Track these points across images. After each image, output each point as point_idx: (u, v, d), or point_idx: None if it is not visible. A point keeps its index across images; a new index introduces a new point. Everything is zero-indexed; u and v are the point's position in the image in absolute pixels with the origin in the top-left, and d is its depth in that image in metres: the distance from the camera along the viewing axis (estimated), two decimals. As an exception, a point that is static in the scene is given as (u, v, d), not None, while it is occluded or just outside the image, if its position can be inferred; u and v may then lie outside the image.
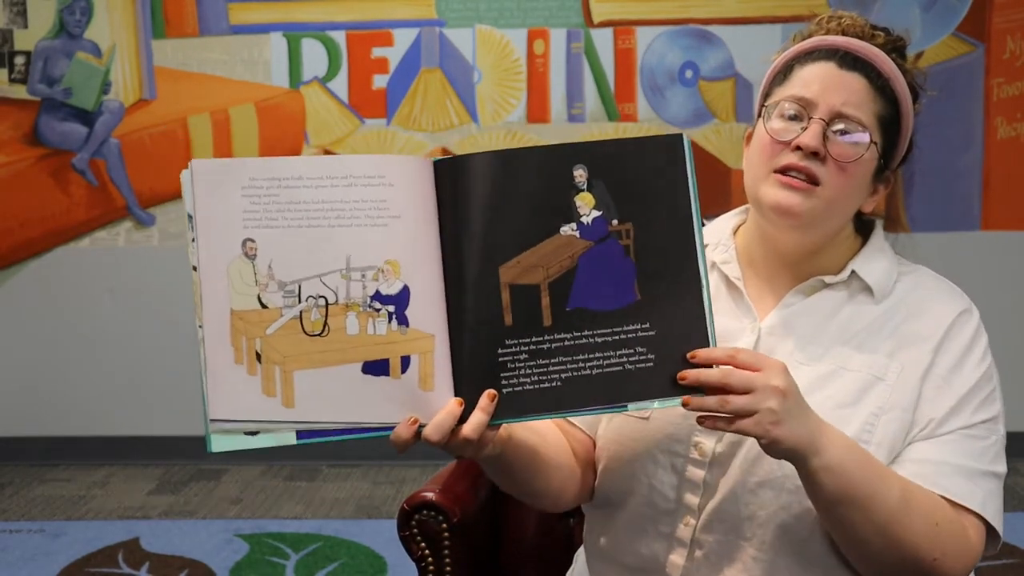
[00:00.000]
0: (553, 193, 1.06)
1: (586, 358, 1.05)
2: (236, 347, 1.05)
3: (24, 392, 3.96)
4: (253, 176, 1.05)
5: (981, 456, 1.20)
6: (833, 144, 1.19)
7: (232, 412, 1.05)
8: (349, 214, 1.04)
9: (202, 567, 3.00)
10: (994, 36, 3.75)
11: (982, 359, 1.24)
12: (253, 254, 1.05)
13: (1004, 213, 3.83)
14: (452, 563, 1.53)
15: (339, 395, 1.05)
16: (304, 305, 1.05)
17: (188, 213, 1.05)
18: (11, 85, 3.85)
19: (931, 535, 1.13)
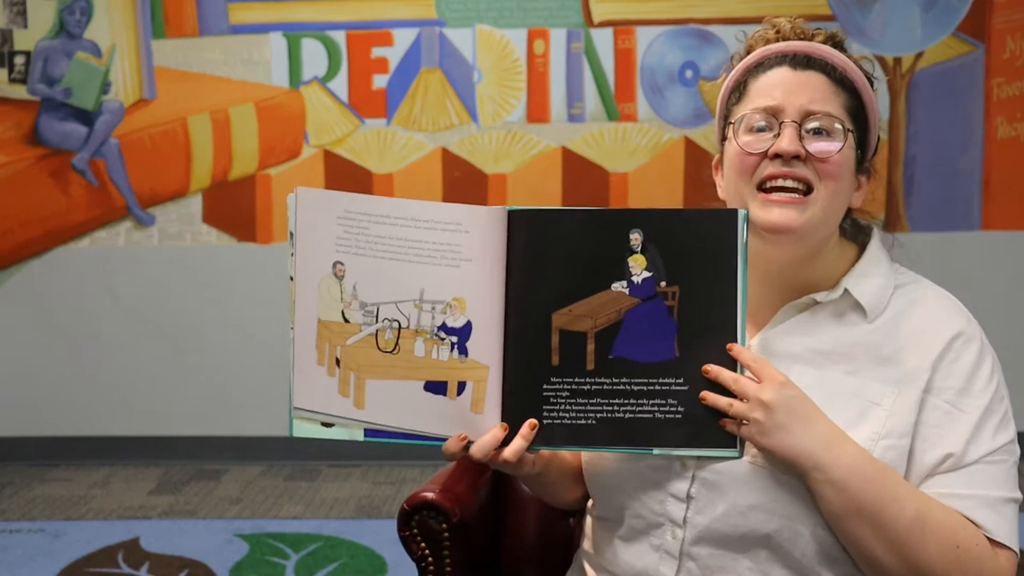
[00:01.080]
0: (610, 252, 1.17)
1: (621, 402, 1.17)
2: (320, 351, 1.22)
3: (24, 392, 3.96)
4: (348, 209, 1.20)
5: (1004, 483, 1.18)
6: (811, 143, 1.18)
7: (312, 404, 1.21)
8: (427, 253, 1.19)
9: (202, 567, 3.01)
10: (994, 36, 3.75)
11: (990, 379, 1.20)
12: (342, 275, 1.21)
13: (1004, 213, 3.83)
14: (452, 563, 1.53)
15: (402, 405, 1.20)
16: (380, 325, 1.21)
17: (290, 231, 1.21)
18: (11, 85, 3.85)
19: (949, 558, 1.12)
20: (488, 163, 3.85)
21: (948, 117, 3.74)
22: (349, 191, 1.23)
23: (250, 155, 3.87)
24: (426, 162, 3.85)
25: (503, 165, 3.85)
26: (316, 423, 1.22)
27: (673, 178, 3.81)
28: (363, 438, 1.21)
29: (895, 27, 3.66)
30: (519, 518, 1.71)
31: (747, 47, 1.30)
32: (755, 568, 1.18)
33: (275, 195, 3.88)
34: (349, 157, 3.85)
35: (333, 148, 3.86)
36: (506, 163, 3.85)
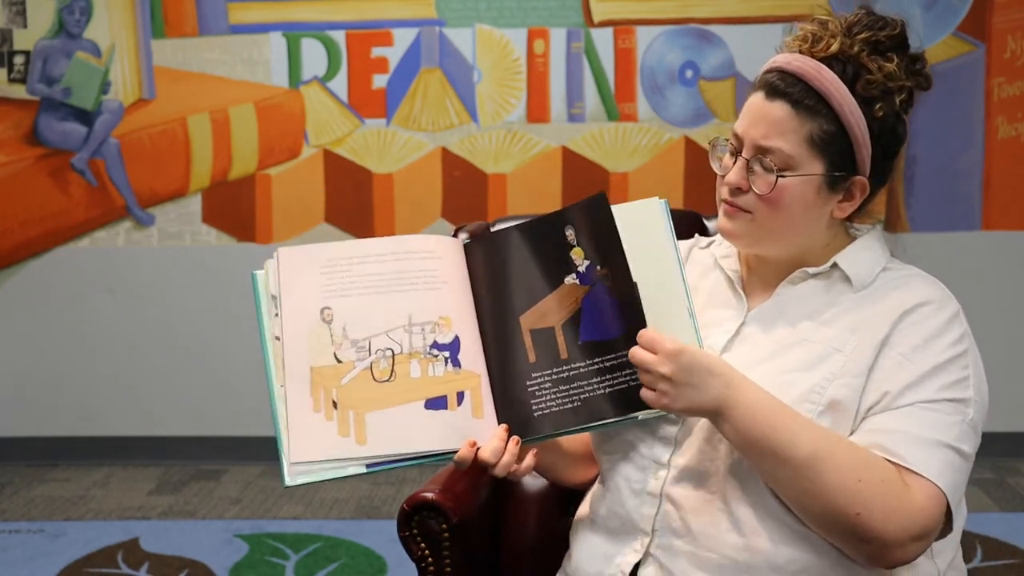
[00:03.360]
0: (555, 251, 1.28)
1: (600, 380, 1.24)
2: (315, 398, 1.25)
3: (24, 392, 3.95)
4: (331, 257, 1.28)
5: (944, 430, 1.20)
6: (754, 177, 1.26)
7: (311, 454, 1.23)
8: (410, 280, 1.28)
9: (202, 567, 3.00)
10: (994, 36, 3.74)
11: (955, 344, 1.24)
12: (330, 319, 1.27)
13: (1004, 213, 3.83)
14: (452, 563, 1.53)
15: (404, 429, 1.24)
16: (374, 357, 1.26)
17: (272, 295, 1.27)
18: (10, 85, 3.85)
19: (850, 490, 1.16)
20: (488, 163, 3.85)
21: (948, 117, 3.74)
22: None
23: (250, 155, 3.87)
24: (426, 162, 3.85)
25: (503, 165, 3.85)
26: (314, 470, 1.23)
27: (673, 178, 3.81)
28: (365, 470, 1.24)
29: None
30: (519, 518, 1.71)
31: (776, 50, 1.35)
32: (725, 509, 1.25)
33: (275, 195, 3.87)
34: (349, 157, 3.85)
35: (333, 148, 3.85)
36: (506, 163, 3.84)
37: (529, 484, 1.75)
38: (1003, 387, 3.90)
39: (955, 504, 1.21)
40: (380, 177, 3.86)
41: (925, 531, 1.18)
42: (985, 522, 3.21)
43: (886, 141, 1.28)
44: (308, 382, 1.25)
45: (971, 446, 1.22)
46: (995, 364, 4.33)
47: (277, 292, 1.27)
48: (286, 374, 1.25)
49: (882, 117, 1.26)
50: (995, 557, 2.98)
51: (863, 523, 1.16)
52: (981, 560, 2.96)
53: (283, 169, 3.87)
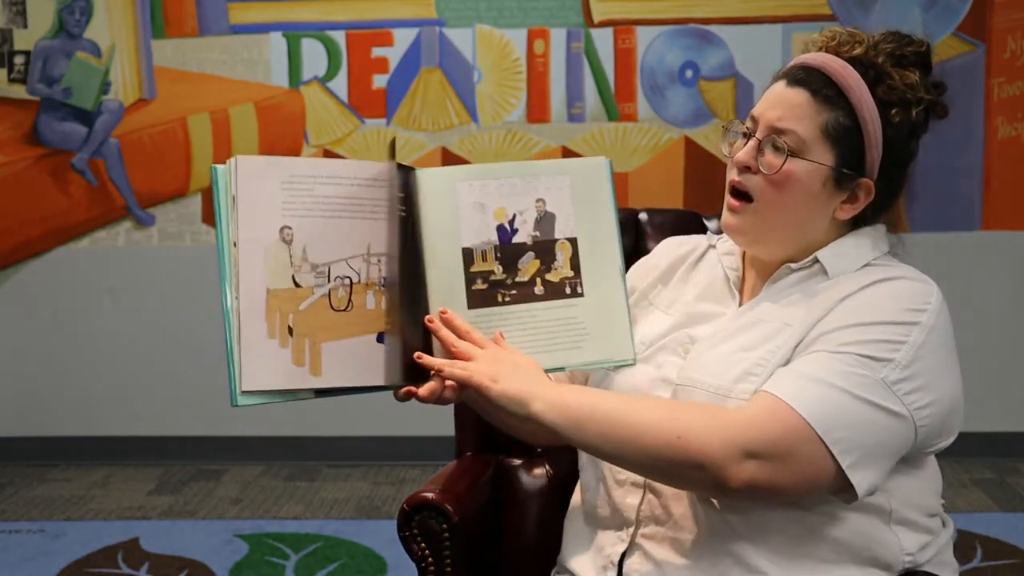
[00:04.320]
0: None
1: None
2: (270, 322, 1.21)
3: (24, 392, 3.95)
4: (293, 173, 1.21)
5: (834, 374, 1.17)
6: (763, 159, 1.27)
7: (264, 382, 1.20)
8: (369, 209, 1.23)
9: (202, 567, 3.00)
10: (994, 36, 3.74)
11: (903, 312, 1.21)
12: (290, 239, 1.21)
13: (1004, 213, 3.83)
14: (452, 563, 1.53)
15: (358, 362, 1.22)
16: (332, 284, 1.21)
17: (232, 195, 1.18)
18: (10, 85, 3.85)
19: (665, 419, 1.18)
20: (488, 163, 3.84)
21: (948, 117, 3.74)
22: None
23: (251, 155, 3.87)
24: (426, 162, 3.85)
25: (503, 165, 3.84)
26: (264, 392, 1.20)
27: (673, 178, 3.81)
28: (314, 396, 1.22)
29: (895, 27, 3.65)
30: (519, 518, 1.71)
31: (803, 50, 1.37)
32: (700, 495, 1.26)
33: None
34: (349, 157, 3.85)
35: (333, 148, 3.85)
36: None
37: (529, 484, 1.75)
38: (1003, 387, 3.92)
39: (833, 440, 1.14)
40: (380, 177, 3.85)
41: (760, 446, 1.14)
42: (985, 522, 3.21)
43: (898, 150, 1.29)
44: (264, 304, 1.21)
45: (880, 398, 1.16)
46: (995, 364, 4.33)
47: (236, 192, 1.19)
48: (241, 289, 1.21)
49: (898, 124, 1.28)
50: (995, 557, 2.98)
51: (685, 445, 1.15)
52: (981, 560, 2.96)
53: (283, 169, 3.87)
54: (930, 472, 1.30)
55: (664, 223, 1.85)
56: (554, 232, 1.32)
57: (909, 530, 1.27)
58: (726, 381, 1.24)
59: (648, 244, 1.82)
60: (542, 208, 1.31)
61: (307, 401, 1.26)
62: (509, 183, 1.31)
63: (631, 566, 1.31)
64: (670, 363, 1.32)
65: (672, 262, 1.47)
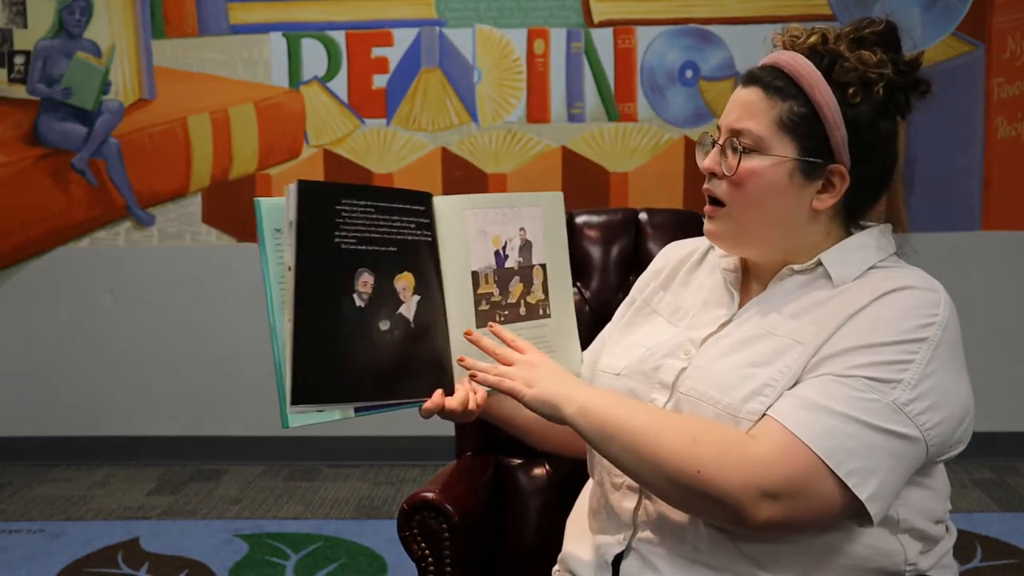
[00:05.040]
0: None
1: None
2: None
3: (24, 392, 3.95)
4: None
5: (842, 401, 1.15)
6: (725, 161, 1.28)
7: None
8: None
9: (202, 567, 3.00)
10: (994, 36, 3.74)
11: (911, 330, 1.19)
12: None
13: (1004, 213, 3.83)
14: (452, 563, 1.53)
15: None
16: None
17: (290, 220, 1.20)
18: (11, 85, 3.85)
19: (686, 449, 1.17)
20: (488, 163, 3.85)
21: (948, 117, 3.74)
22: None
23: (250, 155, 3.87)
24: (426, 162, 3.85)
25: (503, 165, 3.85)
26: (311, 412, 1.23)
27: (673, 178, 3.81)
28: (354, 415, 1.25)
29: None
30: (519, 518, 1.71)
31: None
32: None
33: (275, 195, 3.85)
34: (349, 157, 3.85)
35: (333, 148, 3.85)
36: (506, 163, 3.84)
37: (529, 484, 1.75)
38: (1003, 387, 3.92)
39: (846, 472, 1.14)
40: (380, 177, 3.86)
41: (775, 486, 1.14)
42: (985, 522, 3.21)
43: (865, 131, 1.26)
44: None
45: (890, 423, 1.15)
46: (995, 364, 4.32)
47: (293, 219, 1.20)
48: (295, 312, 1.21)
49: (858, 104, 1.25)
50: (995, 557, 2.98)
51: (705, 480, 1.15)
52: (981, 560, 2.95)
53: (283, 169, 3.87)
54: (939, 480, 1.29)
55: (664, 223, 1.85)
56: (532, 258, 1.42)
57: (914, 538, 1.26)
58: (735, 400, 1.22)
59: (648, 244, 1.82)
60: (524, 236, 1.41)
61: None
62: (500, 212, 1.39)
63: (627, 569, 1.31)
64: (668, 366, 1.32)
65: (673, 267, 1.47)
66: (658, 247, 1.59)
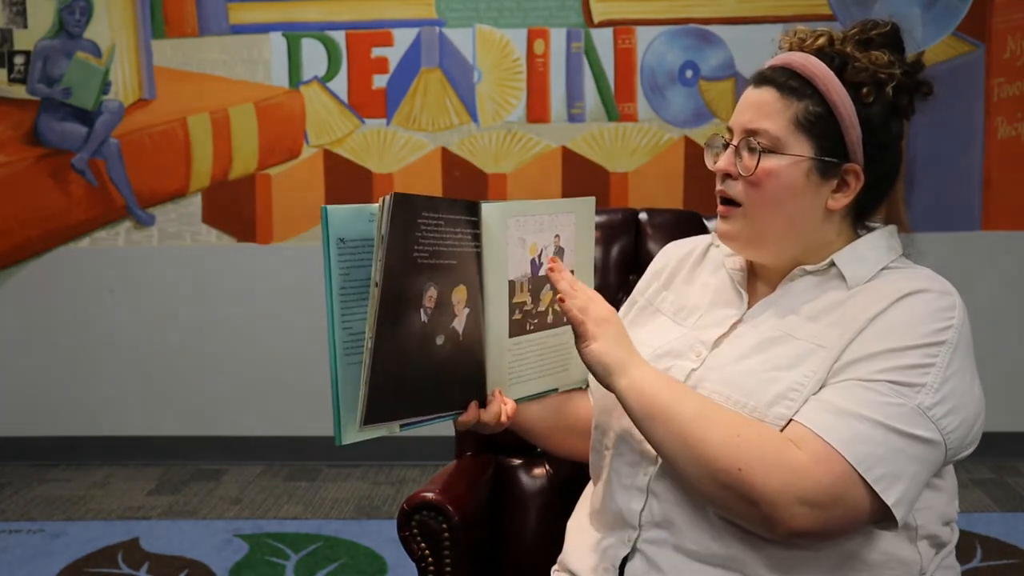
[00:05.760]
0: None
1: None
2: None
3: (24, 392, 3.95)
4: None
5: (870, 406, 1.16)
6: (740, 161, 1.28)
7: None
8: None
9: (202, 567, 3.00)
10: (994, 36, 3.74)
11: (929, 335, 1.19)
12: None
13: (1004, 213, 3.83)
14: (452, 563, 1.53)
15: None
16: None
17: (382, 234, 1.14)
18: (11, 85, 3.85)
19: (730, 445, 1.16)
20: (488, 163, 3.85)
21: (948, 117, 3.74)
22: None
23: (250, 155, 3.87)
24: (426, 162, 3.85)
25: (503, 165, 3.85)
26: (359, 428, 1.19)
27: (673, 178, 3.81)
28: (399, 431, 1.24)
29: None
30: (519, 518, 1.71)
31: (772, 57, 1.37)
32: (701, 502, 1.25)
33: (275, 195, 3.87)
34: (349, 157, 3.85)
35: (333, 148, 3.85)
36: (506, 163, 3.84)
37: (529, 484, 1.75)
38: (1003, 387, 3.92)
39: (875, 477, 1.14)
40: (380, 177, 3.86)
41: (812, 494, 1.14)
42: (985, 522, 3.21)
43: (878, 131, 1.27)
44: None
45: (916, 428, 1.16)
46: (995, 364, 4.32)
47: (385, 233, 1.14)
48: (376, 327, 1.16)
49: (872, 104, 1.26)
50: (995, 557, 2.98)
51: (746, 479, 1.15)
52: (981, 560, 2.95)
53: (283, 169, 3.87)
54: (949, 481, 1.30)
55: (664, 223, 1.86)
56: (563, 265, 1.38)
57: (930, 545, 1.27)
58: (760, 403, 1.22)
59: (648, 244, 1.82)
60: (558, 243, 1.38)
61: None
62: (539, 219, 1.35)
63: (632, 570, 1.31)
64: (679, 367, 1.32)
65: (674, 266, 1.47)
66: (658, 247, 1.59)
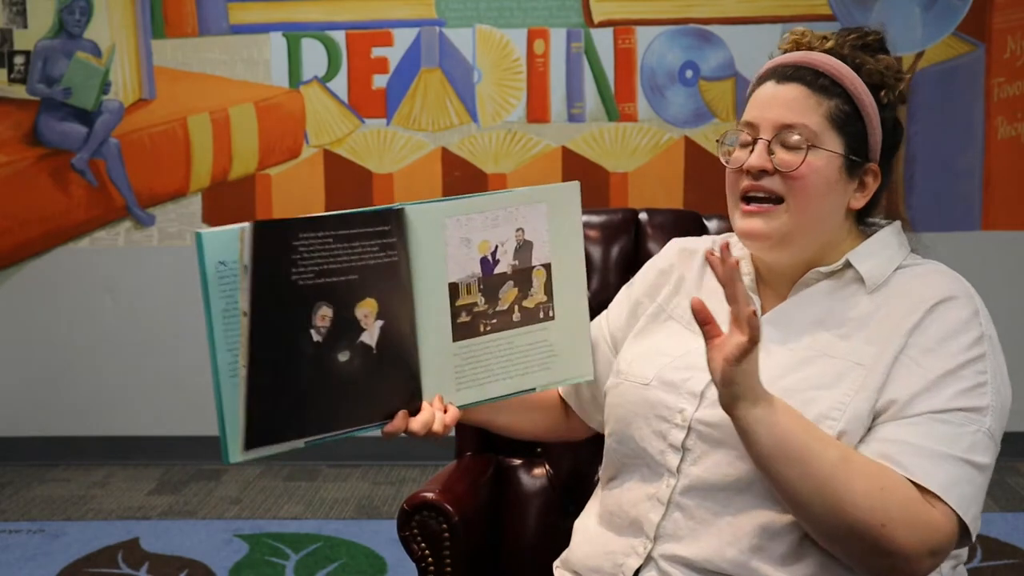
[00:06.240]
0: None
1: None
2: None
3: (24, 392, 3.95)
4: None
5: (953, 442, 1.17)
6: (779, 157, 1.25)
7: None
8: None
9: (202, 567, 3.00)
10: (994, 36, 3.74)
11: (971, 346, 1.21)
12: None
13: (1004, 213, 3.83)
14: (452, 563, 1.53)
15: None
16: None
17: (244, 264, 1.12)
18: (10, 85, 3.84)
19: (875, 499, 1.12)
20: (488, 163, 3.85)
21: (948, 117, 3.74)
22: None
23: (250, 155, 3.87)
24: (426, 162, 3.85)
25: (503, 165, 3.85)
26: (260, 450, 1.21)
27: (673, 178, 3.81)
28: (303, 447, 1.24)
29: (895, 27, 3.65)
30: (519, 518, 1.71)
31: (769, 57, 1.37)
32: (732, 523, 1.23)
33: (275, 195, 3.87)
34: (349, 157, 3.85)
35: (333, 148, 3.85)
36: (506, 163, 3.84)
37: (529, 483, 1.75)
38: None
39: (970, 518, 1.17)
40: (380, 177, 3.86)
41: (940, 547, 1.15)
42: (985, 522, 3.18)
43: (892, 131, 1.30)
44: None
45: (988, 456, 1.19)
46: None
47: (249, 263, 1.12)
48: (247, 357, 1.15)
49: (887, 105, 1.29)
50: (995, 557, 2.98)
51: (888, 535, 1.12)
52: (981, 560, 2.95)
53: (283, 169, 3.87)
54: None
55: (664, 223, 1.85)
56: (531, 260, 1.34)
57: (950, 558, 1.27)
58: None
59: (648, 244, 1.82)
60: (521, 237, 1.32)
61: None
62: (492, 216, 1.31)
63: None
64: (698, 379, 1.28)
65: (681, 268, 1.44)
66: (658, 247, 1.58)
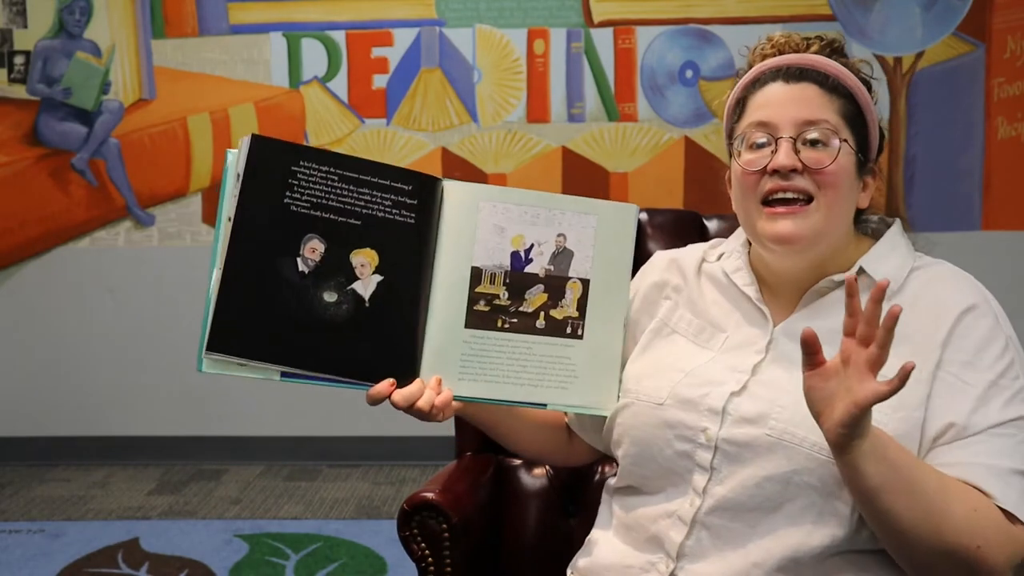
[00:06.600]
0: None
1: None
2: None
3: (24, 392, 3.95)
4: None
5: (1013, 454, 1.17)
6: (806, 155, 1.23)
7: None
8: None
9: (202, 567, 3.00)
10: (994, 36, 3.74)
11: (1002, 354, 1.20)
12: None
13: (1004, 213, 3.83)
14: (452, 563, 1.53)
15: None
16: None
17: (238, 173, 1.21)
18: (11, 85, 3.85)
19: (971, 522, 1.11)
20: (488, 163, 3.85)
21: (948, 117, 3.74)
22: None
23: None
24: (426, 162, 3.85)
25: (503, 165, 3.85)
26: (231, 363, 1.23)
27: (673, 178, 3.81)
28: (279, 379, 1.23)
29: (895, 27, 3.66)
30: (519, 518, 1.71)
31: (748, 63, 1.34)
32: (758, 545, 1.21)
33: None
34: (349, 157, 3.85)
35: (333, 148, 3.85)
36: (506, 163, 3.84)
37: (529, 483, 1.75)
38: (1003, 387, 3.91)
39: None
40: (380, 177, 3.85)
41: (1021, 561, 1.15)
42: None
43: (883, 130, 1.32)
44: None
45: None
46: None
47: (241, 171, 1.23)
48: (225, 261, 1.22)
49: (876, 104, 1.31)
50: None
51: (982, 556, 1.11)
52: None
53: (283, 169, 3.87)
54: None
55: (664, 223, 1.85)
56: (568, 270, 1.30)
57: None
58: None
59: (648, 244, 1.82)
60: (561, 243, 1.29)
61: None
62: (533, 211, 1.29)
63: None
64: (717, 393, 1.26)
65: (676, 280, 1.41)
66: (658, 247, 1.58)
